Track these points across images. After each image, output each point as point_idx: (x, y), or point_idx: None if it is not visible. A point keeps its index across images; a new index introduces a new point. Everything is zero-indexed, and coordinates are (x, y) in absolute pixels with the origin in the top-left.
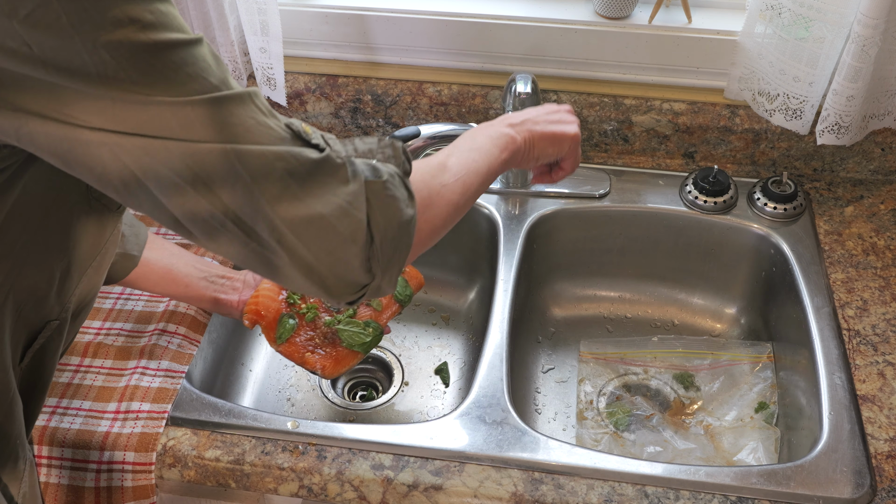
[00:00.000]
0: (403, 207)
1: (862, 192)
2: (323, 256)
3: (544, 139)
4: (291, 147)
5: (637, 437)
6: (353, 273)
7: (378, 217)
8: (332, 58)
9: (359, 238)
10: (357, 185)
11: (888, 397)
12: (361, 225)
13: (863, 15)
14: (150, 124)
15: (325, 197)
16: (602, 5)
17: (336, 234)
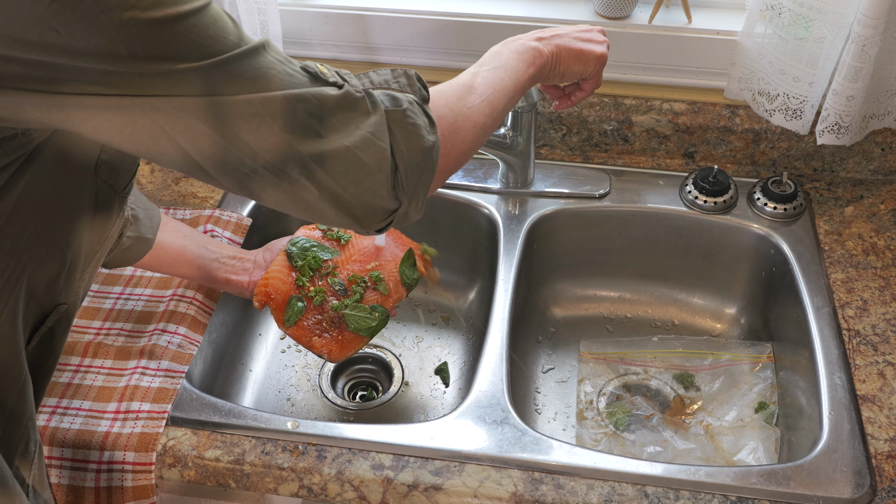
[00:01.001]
0: (425, 134)
1: (862, 192)
2: (351, 188)
3: (571, 55)
4: (311, 88)
5: (637, 437)
6: (381, 200)
7: (401, 145)
8: (332, 58)
9: (384, 167)
10: (378, 115)
11: (888, 397)
12: (385, 154)
13: (863, 15)
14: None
15: (348, 130)
16: (602, 5)
17: (362, 165)
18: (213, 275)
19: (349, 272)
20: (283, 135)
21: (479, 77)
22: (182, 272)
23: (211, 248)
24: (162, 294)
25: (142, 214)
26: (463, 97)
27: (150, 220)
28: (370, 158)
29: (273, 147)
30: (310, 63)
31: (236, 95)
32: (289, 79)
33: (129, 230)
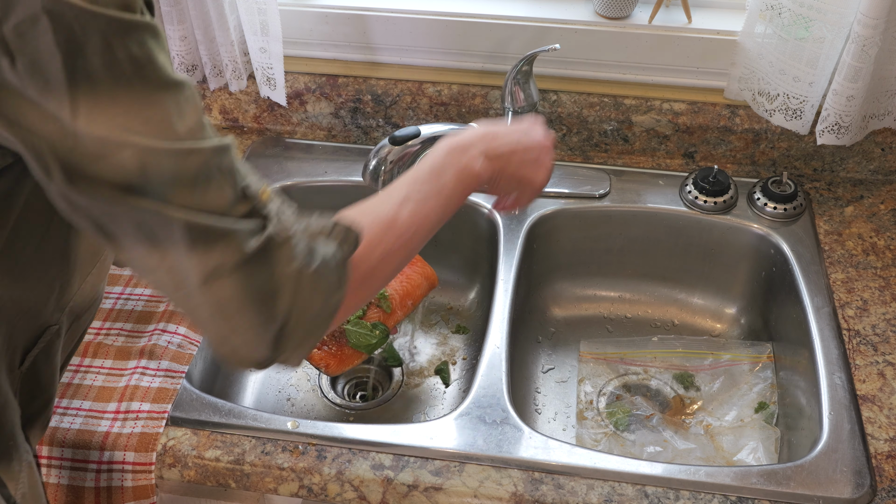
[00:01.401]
0: (327, 298)
1: (862, 192)
2: (227, 332)
3: (512, 179)
4: (235, 225)
5: (637, 437)
6: (255, 353)
7: (300, 303)
8: (332, 58)
9: (272, 324)
10: (289, 269)
11: (888, 397)
12: (278, 311)
13: (863, 15)
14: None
15: (249, 280)
16: (602, 5)
17: (247, 316)
18: None
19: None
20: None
21: (405, 210)
22: None
23: None
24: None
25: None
26: (383, 238)
27: None
28: (258, 311)
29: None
30: (253, 182)
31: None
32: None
33: None
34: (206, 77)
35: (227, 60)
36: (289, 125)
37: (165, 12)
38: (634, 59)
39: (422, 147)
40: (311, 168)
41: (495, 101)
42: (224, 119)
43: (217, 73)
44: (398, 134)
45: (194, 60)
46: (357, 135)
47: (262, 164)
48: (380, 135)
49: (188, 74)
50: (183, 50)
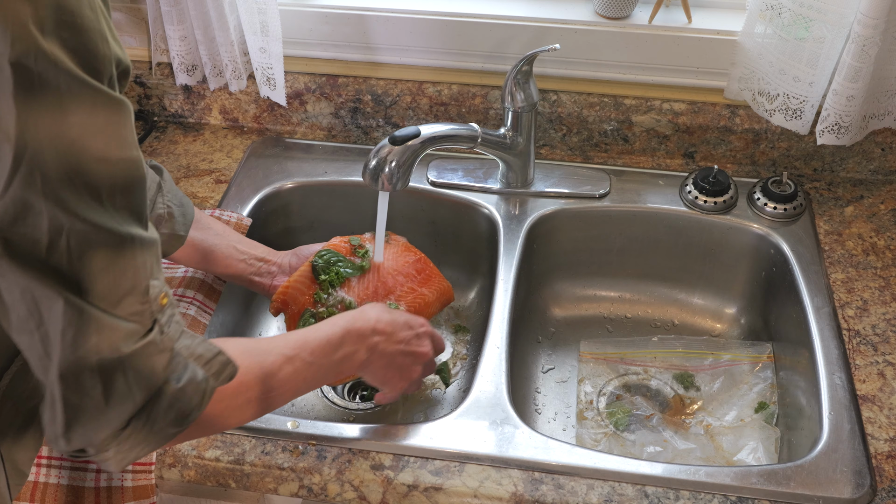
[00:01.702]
0: (177, 419)
1: (862, 192)
2: (73, 423)
3: (375, 376)
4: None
5: (637, 437)
6: (91, 442)
7: (152, 414)
8: (332, 58)
9: (115, 425)
10: (155, 379)
11: (888, 397)
12: (126, 415)
13: (863, 15)
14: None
15: (113, 378)
16: (602, 5)
17: (97, 412)
18: (239, 275)
19: (366, 300)
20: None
21: (286, 369)
22: (209, 269)
23: (241, 248)
24: None
25: (177, 212)
26: (251, 386)
27: (184, 217)
28: (110, 410)
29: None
30: (156, 286)
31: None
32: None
33: (164, 227)
34: (206, 77)
35: (227, 60)
36: (289, 125)
37: (165, 12)
38: (634, 59)
39: (422, 147)
40: (311, 168)
41: (495, 101)
42: (224, 119)
43: (217, 73)
44: (398, 134)
45: (194, 60)
46: (357, 135)
47: (262, 164)
48: (380, 135)
49: (188, 75)
50: (183, 50)
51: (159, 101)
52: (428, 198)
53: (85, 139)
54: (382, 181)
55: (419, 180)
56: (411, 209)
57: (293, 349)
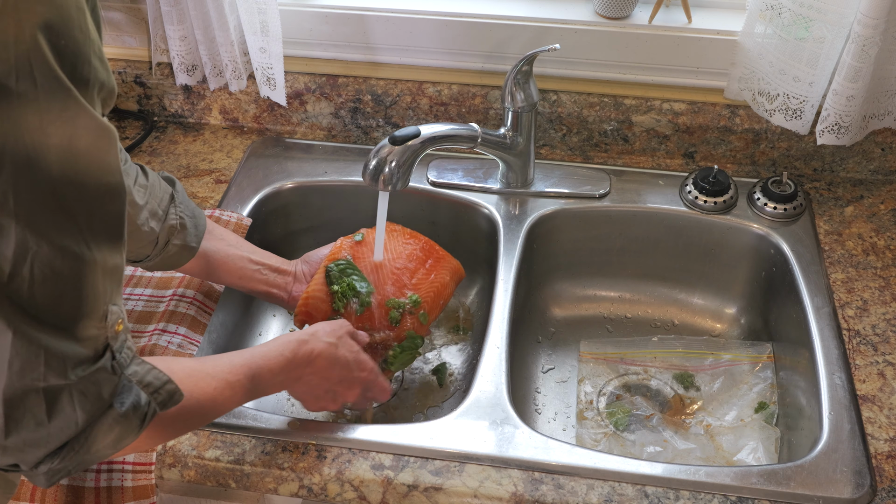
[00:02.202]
0: (116, 441)
1: (862, 192)
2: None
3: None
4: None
5: (637, 437)
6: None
7: (92, 435)
8: (332, 58)
9: (54, 444)
10: (99, 403)
11: (888, 397)
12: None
13: (863, 15)
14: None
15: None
16: (602, 5)
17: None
18: (254, 286)
19: (385, 296)
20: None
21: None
22: (222, 280)
23: (255, 258)
24: (162, 294)
25: (189, 223)
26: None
27: (196, 228)
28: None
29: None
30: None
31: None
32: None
33: (176, 238)
34: (206, 77)
35: (227, 60)
36: (289, 125)
37: (165, 12)
38: (634, 59)
39: (422, 147)
40: (311, 168)
41: (495, 101)
42: (224, 119)
43: (217, 73)
44: (398, 134)
45: (194, 60)
46: (357, 135)
47: (262, 164)
48: (380, 135)
49: (188, 75)
50: (183, 50)
51: (159, 101)
52: (428, 198)
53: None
54: (382, 181)
55: (419, 180)
56: (411, 209)
57: (236, 375)
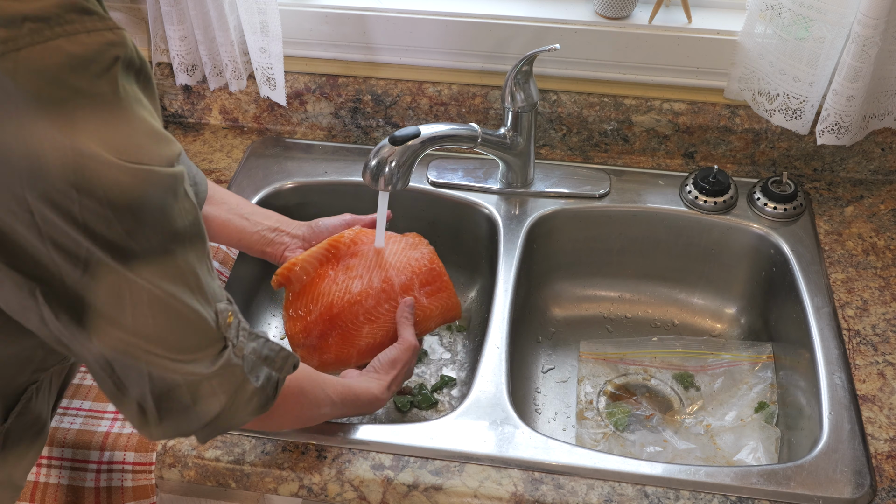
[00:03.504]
0: (253, 411)
1: (862, 192)
2: (166, 422)
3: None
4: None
5: (637, 437)
6: (179, 434)
7: (232, 411)
8: (332, 58)
9: (204, 420)
10: (232, 384)
11: (888, 397)
12: (213, 414)
13: (863, 15)
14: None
15: (198, 390)
16: (602, 5)
17: (192, 415)
18: (252, 246)
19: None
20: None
21: (323, 411)
22: (222, 241)
23: (253, 219)
24: None
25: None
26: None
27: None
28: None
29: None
30: (223, 306)
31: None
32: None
33: None
34: (206, 77)
35: (227, 60)
36: (289, 125)
37: (165, 12)
38: (634, 59)
39: (422, 147)
40: (311, 168)
41: (495, 101)
42: (224, 119)
43: (217, 73)
44: (398, 134)
45: (194, 60)
46: (357, 135)
47: (262, 164)
48: (380, 135)
49: (188, 75)
50: (183, 50)
51: (159, 101)
52: (428, 198)
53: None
54: (382, 181)
55: (419, 180)
56: (411, 209)
57: (338, 397)
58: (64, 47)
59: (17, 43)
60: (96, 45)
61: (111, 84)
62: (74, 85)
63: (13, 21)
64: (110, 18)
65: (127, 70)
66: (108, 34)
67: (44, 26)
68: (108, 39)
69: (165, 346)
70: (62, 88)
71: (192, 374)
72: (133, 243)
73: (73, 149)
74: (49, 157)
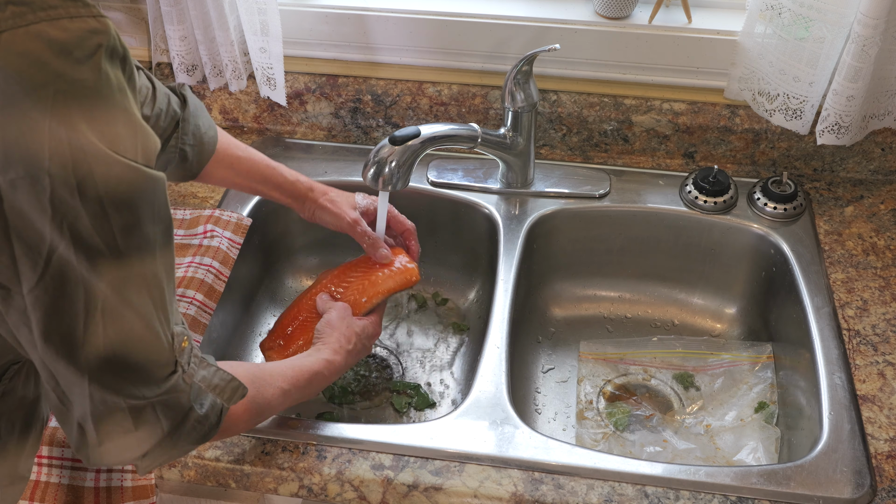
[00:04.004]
0: (199, 438)
1: (862, 192)
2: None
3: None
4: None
5: (637, 437)
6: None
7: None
8: (332, 58)
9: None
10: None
11: (888, 397)
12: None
13: (863, 15)
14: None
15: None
16: (602, 5)
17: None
18: (282, 186)
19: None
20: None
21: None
22: (248, 180)
23: (272, 164)
24: None
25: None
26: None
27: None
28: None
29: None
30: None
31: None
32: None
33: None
34: (206, 77)
35: (227, 60)
36: (289, 125)
37: (165, 12)
38: (634, 59)
39: (422, 147)
40: (311, 168)
41: (495, 101)
42: (224, 119)
43: (217, 73)
44: (398, 134)
45: (194, 60)
46: (357, 135)
47: None
48: (380, 135)
49: (188, 75)
50: (183, 50)
51: None
52: (428, 198)
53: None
54: (382, 181)
55: (419, 180)
56: (411, 209)
57: (289, 384)
58: (46, 31)
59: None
60: (79, 31)
61: (94, 70)
62: (57, 69)
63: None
64: (94, 6)
65: (111, 58)
66: (92, 21)
67: (26, 10)
68: (90, 27)
69: (113, 362)
70: (44, 72)
71: (136, 396)
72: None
73: (51, 130)
74: (28, 138)
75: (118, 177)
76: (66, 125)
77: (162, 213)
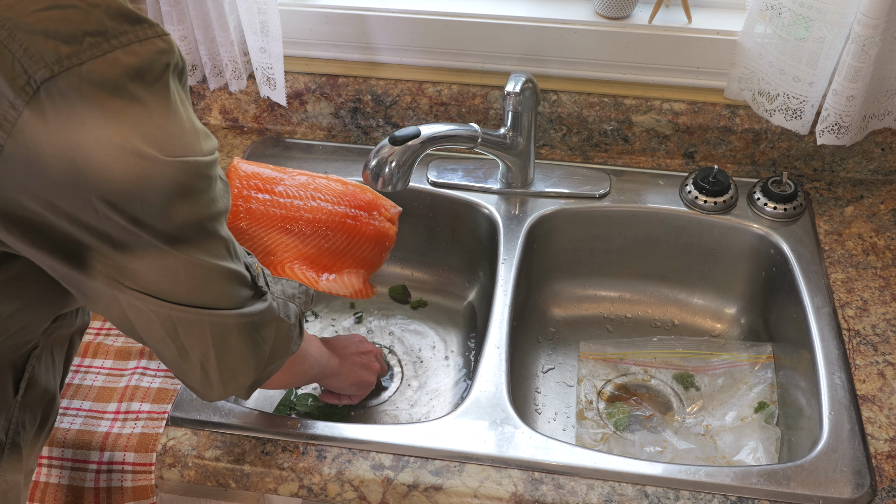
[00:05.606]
0: (294, 343)
1: (862, 192)
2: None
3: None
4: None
5: (637, 437)
6: (238, 391)
7: (278, 347)
8: (332, 58)
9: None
10: (271, 325)
11: (888, 397)
12: (265, 354)
13: (863, 15)
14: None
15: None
16: (602, 5)
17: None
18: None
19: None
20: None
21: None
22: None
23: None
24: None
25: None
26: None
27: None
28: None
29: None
30: (252, 262)
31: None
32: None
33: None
34: (206, 77)
35: (227, 60)
36: (289, 125)
37: (165, 12)
38: (634, 59)
39: (422, 147)
40: (311, 168)
41: (495, 101)
42: (224, 119)
43: (217, 73)
44: (398, 134)
45: (194, 60)
46: (357, 135)
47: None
48: (380, 135)
49: (188, 75)
50: (183, 50)
51: None
52: (428, 198)
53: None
54: (382, 181)
55: (419, 180)
56: (411, 209)
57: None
58: (121, 59)
59: (80, 58)
60: (149, 54)
61: (164, 90)
62: (133, 93)
63: (74, 37)
64: (158, 25)
65: (176, 74)
66: (159, 42)
67: (102, 40)
68: (158, 48)
69: (216, 303)
70: (122, 98)
71: (243, 315)
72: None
73: (134, 152)
74: (110, 162)
75: (190, 176)
76: (141, 143)
77: (222, 185)
